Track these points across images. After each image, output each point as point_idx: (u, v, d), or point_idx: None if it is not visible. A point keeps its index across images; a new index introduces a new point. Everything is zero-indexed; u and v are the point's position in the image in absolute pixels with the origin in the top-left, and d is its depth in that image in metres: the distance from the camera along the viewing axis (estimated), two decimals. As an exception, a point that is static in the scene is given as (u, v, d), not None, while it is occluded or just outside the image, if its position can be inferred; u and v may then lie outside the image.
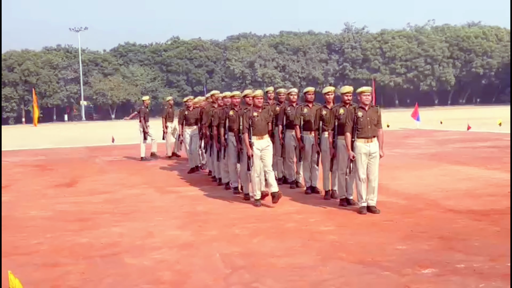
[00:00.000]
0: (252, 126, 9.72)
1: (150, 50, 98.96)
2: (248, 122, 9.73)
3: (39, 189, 12.93)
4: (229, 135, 10.74)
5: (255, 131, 9.74)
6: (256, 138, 9.74)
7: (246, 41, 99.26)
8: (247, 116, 9.75)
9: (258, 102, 9.89)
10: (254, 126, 9.72)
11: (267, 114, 9.99)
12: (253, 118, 9.74)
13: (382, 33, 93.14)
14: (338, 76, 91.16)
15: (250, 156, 9.65)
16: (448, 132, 26.82)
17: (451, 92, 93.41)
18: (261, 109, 9.88)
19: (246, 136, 9.71)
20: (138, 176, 14.57)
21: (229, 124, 10.74)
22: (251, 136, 9.72)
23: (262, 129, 9.80)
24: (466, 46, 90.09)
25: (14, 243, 7.77)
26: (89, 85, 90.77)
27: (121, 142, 28.28)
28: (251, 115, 9.76)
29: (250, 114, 9.77)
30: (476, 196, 10.01)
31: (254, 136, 9.72)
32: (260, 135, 9.78)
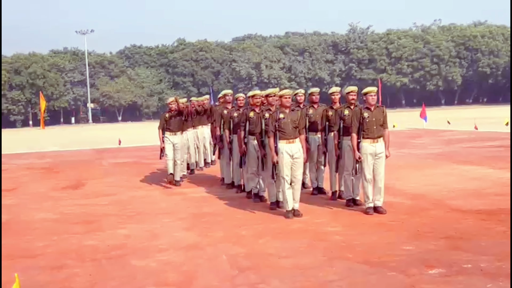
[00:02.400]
0: (278, 129, 8.83)
1: (156, 52, 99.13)
2: (275, 124, 8.85)
3: (46, 191, 12.94)
4: (249, 139, 10.13)
5: (284, 134, 8.82)
6: (285, 142, 8.82)
7: (251, 42, 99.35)
8: (273, 118, 8.89)
9: (286, 102, 8.97)
10: (282, 129, 8.82)
11: (296, 116, 8.99)
12: (280, 120, 8.85)
13: (388, 33, 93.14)
14: (344, 76, 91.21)
15: (275, 163, 8.86)
16: (455, 132, 26.73)
17: (457, 92, 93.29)
18: (288, 110, 9.01)
19: (271, 140, 8.85)
20: (144, 178, 14.55)
21: (249, 127, 10.10)
22: (277, 140, 8.85)
23: (291, 132, 8.84)
24: (472, 45, 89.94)
25: (20, 246, 7.78)
26: (95, 88, 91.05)
27: (127, 144, 28.34)
28: (278, 117, 8.87)
29: (276, 116, 8.90)
30: (483, 195, 9.97)
31: (282, 140, 8.82)
32: (289, 139, 8.85)
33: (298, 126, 8.94)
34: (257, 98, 10.07)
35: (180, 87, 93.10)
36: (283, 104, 8.99)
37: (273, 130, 8.83)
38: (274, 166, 8.90)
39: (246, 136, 10.22)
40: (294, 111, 9.03)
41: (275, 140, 8.82)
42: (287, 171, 8.82)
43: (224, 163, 12.19)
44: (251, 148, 10.08)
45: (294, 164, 8.86)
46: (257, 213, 9.33)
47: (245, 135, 10.23)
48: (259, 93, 10.32)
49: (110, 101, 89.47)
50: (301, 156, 8.90)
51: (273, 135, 8.84)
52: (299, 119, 8.96)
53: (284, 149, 8.79)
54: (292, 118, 8.88)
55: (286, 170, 8.81)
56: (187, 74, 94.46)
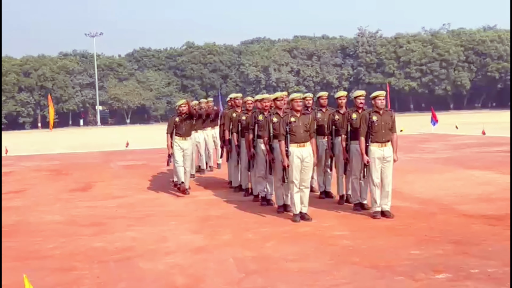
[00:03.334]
0: (290, 133, 8.78)
1: (165, 55, 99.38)
2: (285, 128, 8.81)
3: (54, 193, 13.00)
4: (258, 142, 10.15)
5: (295, 138, 8.78)
6: (296, 146, 8.79)
7: (260, 46, 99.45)
8: (284, 122, 8.84)
9: (297, 106, 8.92)
10: (293, 133, 8.78)
11: (307, 120, 8.96)
12: (291, 124, 8.80)
13: (397, 37, 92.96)
14: (353, 80, 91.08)
15: (286, 166, 8.83)
16: (463, 137, 26.66)
17: (466, 96, 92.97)
18: (300, 113, 8.97)
19: (282, 144, 8.79)
20: (152, 181, 14.59)
21: (258, 130, 10.10)
22: (288, 144, 8.79)
23: (302, 136, 8.82)
24: (481, 50, 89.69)
25: (28, 248, 7.83)
26: (104, 90, 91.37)
27: (135, 147, 28.43)
28: (289, 120, 8.83)
29: (287, 120, 8.85)
30: (491, 200, 9.96)
31: (293, 144, 8.78)
32: (300, 143, 8.83)
33: (310, 130, 8.93)
34: (266, 102, 10.09)
35: (189, 90, 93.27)
36: (294, 107, 8.96)
37: (284, 133, 8.81)
38: (285, 169, 8.89)
39: (254, 140, 10.24)
40: (305, 115, 9.01)
41: (286, 144, 8.81)
42: (297, 175, 8.83)
43: (232, 166, 12.22)
44: (260, 151, 10.10)
45: (304, 168, 8.87)
46: (265, 216, 9.34)
47: (253, 138, 10.24)
48: (268, 96, 10.33)
49: (119, 103, 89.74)
50: (311, 160, 8.90)
51: (284, 138, 8.81)
52: (310, 123, 8.96)
53: (295, 153, 8.79)
54: (304, 122, 8.86)
55: (296, 174, 8.82)
56: (195, 77, 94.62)
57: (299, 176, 8.87)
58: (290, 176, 8.86)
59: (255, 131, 10.23)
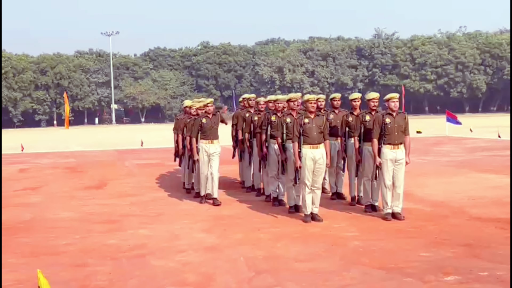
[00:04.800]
0: (303, 134, 8.83)
1: (180, 54, 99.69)
2: (299, 129, 8.85)
3: (69, 190, 13.15)
4: (270, 143, 10.19)
5: (308, 139, 8.83)
6: (309, 147, 8.84)
7: (274, 46, 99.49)
8: (297, 123, 8.90)
9: (310, 107, 8.98)
10: (306, 134, 8.83)
11: (321, 121, 9.00)
12: (305, 125, 8.85)
13: (413, 39, 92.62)
14: (367, 82, 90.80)
15: (298, 168, 8.88)
16: (477, 140, 26.57)
17: (482, 99, 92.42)
18: (313, 115, 9.00)
19: (295, 145, 8.86)
20: (165, 179, 14.71)
21: (271, 130, 10.17)
22: (301, 145, 8.86)
23: (315, 137, 8.85)
24: (497, 53, 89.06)
25: (43, 243, 7.95)
26: (119, 89, 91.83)
27: (150, 145, 28.59)
28: (302, 121, 8.88)
29: (301, 121, 8.90)
30: (503, 204, 9.94)
31: (306, 145, 8.83)
32: (314, 144, 8.86)
33: (323, 131, 8.97)
34: (280, 103, 10.16)
35: (203, 90, 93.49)
36: (308, 109, 9.02)
37: (297, 134, 8.86)
38: (297, 170, 8.95)
39: (267, 140, 10.29)
40: (319, 116, 9.05)
41: (299, 145, 8.86)
42: (310, 176, 8.88)
43: (244, 166, 12.29)
44: (272, 151, 10.17)
45: (317, 170, 8.92)
46: (277, 217, 9.41)
47: (266, 138, 10.31)
48: (281, 97, 10.40)
49: (134, 102, 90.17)
50: (324, 161, 8.94)
51: (297, 140, 8.86)
52: (324, 124, 9.00)
53: (307, 154, 8.84)
54: (317, 123, 8.91)
55: (309, 175, 8.87)
56: (210, 77, 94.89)
57: (311, 177, 8.92)
58: (302, 177, 8.91)
59: (268, 132, 10.29)
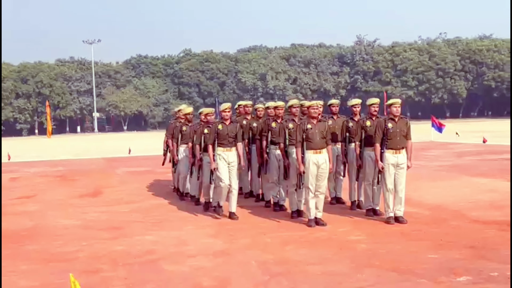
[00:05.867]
0: (306, 140, 8.92)
1: (162, 62, 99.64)
2: (302, 135, 8.94)
3: (65, 198, 13.13)
4: (271, 149, 10.26)
5: (311, 144, 8.92)
6: (313, 152, 8.94)
7: (257, 54, 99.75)
8: (300, 129, 8.98)
9: (313, 113, 9.07)
10: (309, 140, 8.92)
11: (324, 126, 9.11)
12: (308, 130, 8.94)
13: (394, 46, 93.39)
14: (350, 88, 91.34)
15: (302, 173, 8.96)
16: (463, 145, 26.87)
17: (462, 105, 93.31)
18: (316, 120, 9.09)
19: (299, 150, 8.94)
20: (159, 186, 14.72)
21: (272, 136, 10.25)
22: (305, 150, 8.94)
23: (318, 143, 8.94)
24: (477, 59, 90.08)
25: (51, 250, 7.98)
26: (101, 97, 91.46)
27: (137, 153, 28.56)
28: (305, 127, 8.97)
29: (304, 126, 8.99)
30: (500, 207, 10.12)
31: (309, 150, 8.93)
32: (317, 149, 8.96)
33: (326, 137, 9.07)
34: (280, 109, 10.26)
35: (186, 97, 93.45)
36: (311, 114, 9.12)
37: (300, 140, 8.96)
38: (301, 175, 9.03)
39: (268, 146, 10.36)
40: (321, 122, 9.16)
41: (302, 150, 8.95)
42: (313, 181, 8.97)
43: (242, 172, 12.34)
44: (273, 157, 10.25)
45: (320, 175, 9.01)
46: (279, 221, 9.50)
47: (267, 144, 10.38)
48: (281, 104, 10.52)
49: (116, 110, 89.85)
50: (327, 166, 9.04)
51: (301, 145, 8.96)
52: (326, 129, 9.10)
53: (311, 159, 8.94)
54: (320, 129, 9.02)
55: (312, 180, 8.96)
56: (192, 85, 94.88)
57: (315, 182, 9.02)
58: (306, 182, 9.01)
59: (268, 138, 10.37)
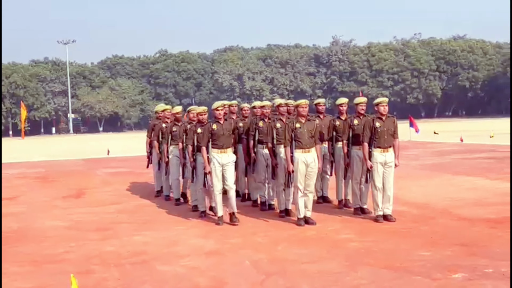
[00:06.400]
0: (295, 139, 8.88)
1: (138, 62, 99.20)
2: (291, 134, 8.90)
3: (48, 200, 12.99)
4: (258, 148, 10.26)
5: (300, 144, 8.88)
6: (301, 151, 8.91)
7: (233, 54, 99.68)
8: (289, 128, 8.95)
9: (302, 111, 9.01)
10: (298, 139, 8.88)
11: (312, 125, 9.07)
12: (296, 130, 8.90)
13: (369, 46, 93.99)
14: (326, 89, 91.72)
15: (291, 172, 8.92)
16: (442, 144, 27.12)
17: (437, 105, 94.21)
18: (304, 119, 9.05)
19: (288, 149, 8.92)
20: (142, 187, 14.59)
21: (259, 136, 10.22)
22: (294, 149, 8.89)
23: (307, 142, 8.92)
24: (452, 59, 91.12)
25: (40, 252, 7.89)
26: (77, 98, 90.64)
27: (116, 154, 28.38)
28: (294, 126, 8.94)
29: (293, 126, 8.96)
30: (486, 205, 10.23)
31: (298, 149, 8.88)
32: (306, 148, 8.93)
33: (314, 136, 9.07)
34: (267, 108, 10.25)
35: (162, 98, 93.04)
36: (299, 113, 9.11)
37: (289, 139, 8.94)
38: (289, 174, 9.03)
39: (255, 145, 10.34)
40: (310, 121, 9.15)
41: (291, 149, 8.95)
42: (302, 180, 8.97)
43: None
44: (260, 157, 10.24)
45: (309, 174, 9.01)
46: (268, 221, 9.48)
47: (254, 144, 10.36)
48: (268, 103, 10.53)
49: (91, 111, 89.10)
50: (316, 165, 9.04)
51: (290, 144, 8.94)
52: (315, 129, 9.10)
53: (300, 158, 8.93)
54: (308, 128, 9.01)
55: (301, 179, 8.96)
56: (169, 85, 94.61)
57: (304, 181, 9.02)
58: (295, 181, 9.00)
59: (256, 137, 10.36)
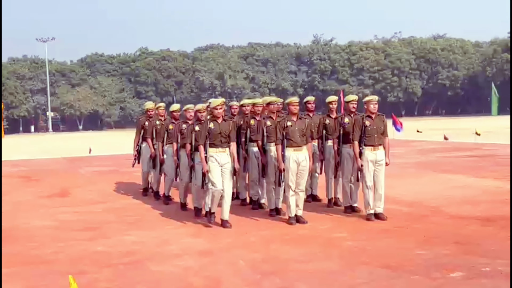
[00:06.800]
0: (287, 137, 8.80)
1: (118, 60, 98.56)
2: (282, 132, 8.82)
3: (33, 199, 12.79)
4: (250, 146, 10.17)
5: (291, 142, 8.80)
6: (293, 150, 8.81)
7: (214, 52, 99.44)
8: (280, 126, 8.85)
9: (293, 109, 8.97)
10: (289, 137, 8.79)
11: (304, 124, 8.97)
12: (288, 128, 8.82)
13: (350, 45, 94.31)
14: (307, 87, 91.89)
15: (282, 170, 8.83)
16: (425, 142, 27.22)
17: (417, 104, 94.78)
18: (296, 117, 8.98)
19: (279, 148, 8.83)
20: (128, 186, 14.41)
21: (250, 134, 10.12)
22: (285, 148, 8.81)
23: (298, 140, 8.83)
24: (432, 58, 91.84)
25: (29, 252, 7.72)
26: (56, 96, 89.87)
27: (98, 153, 28.12)
28: (285, 124, 8.84)
29: (284, 124, 8.86)
30: (475, 203, 10.22)
31: (289, 147, 8.80)
32: (297, 146, 8.84)
33: (306, 134, 8.99)
34: (258, 106, 10.15)
35: (143, 96, 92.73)
36: (291, 111, 9.04)
37: (281, 137, 8.86)
38: (280, 173, 8.95)
39: (246, 143, 10.25)
40: (301, 119, 9.07)
41: (282, 148, 8.86)
42: (293, 178, 8.89)
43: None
44: (252, 155, 10.14)
45: (300, 172, 8.93)
46: (258, 220, 9.39)
47: (245, 142, 10.26)
48: (259, 101, 10.44)
49: (71, 110, 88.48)
50: (307, 164, 8.97)
51: (281, 142, 8.86)
52: (306, 127, 9.02)
53: (291, 157, 8.85)
54: (300, 126, 8.92)
55: (292, 178, 8.88)
56: (149, 84, 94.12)
57: (295, 180, 8.94)
58: (286, 180, 8.92)
59: (247, 135, 10.26)
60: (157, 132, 11.46)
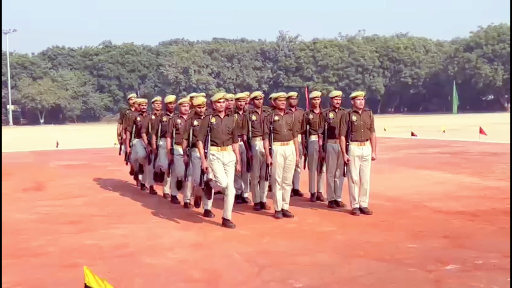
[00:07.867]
0: (273, 131, 8.83)
1: (80, 54, 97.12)
2: (269, 126, 8.85)
3: (9, 193, 12.52)
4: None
5: (278, 136, 8.84)
6: (280, 144, 8.87)
7: (178, 47, 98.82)
8: (267, 120, 8.90)
9: (280, 104, 9.01)
10: (276, 131, 8.83)
11: (291, 118, 9.02)
12: (275, 122, 8.85)
13: (315, 42, 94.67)
14: (272, 83, 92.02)
15: (269, 164, 8.88)
16: (392, 139, 27.48)
17: (380, 101, 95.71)
18: (283, 112, 9.03)
19: (266, 142, 8.86)
20: (104, 180, 14.31)
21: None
22: (272, 142, 8.84)
23: (285, 134, 8.87)
24: (395, 56, 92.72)
25: (16, 246, 7.58)
26: (17, 89, 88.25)
27: (65, 147, 27.79)
28: (272, 119, 8.89)
29: (271, 118, 8.92)
30: (456, 198, 10.39)
31: (277, 142, 8.84)
32: (284, 141, 8.89)
33: (292, 129, 9.03)
34: (242, 100, 10.12)
35: (106, 90, 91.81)
36: (278, 106, 9.07)
37: (267, 132, 8.89)
38: (268, 167, 8.97)
39: None
40: (288, 114, 9.10)
41: (269, 142, 8.88)
42: (280, 172, 8.93)
43: None
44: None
45: (287, 166, 8.97)
46: (243, 214, 9.37)
47: None
48: (243, 95, 10.42)
49: (32, 103, 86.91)
50: (294, 158, 9.02)
51: (268, 136, 8.89)
52: (293, 121, 9.07)
53: (278, 151, 8.88)
54: (287, 121, 8.96)
55: (279, 172, 8.92)
56: (112, 77, 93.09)
57: (282, 174, 8.97)
58: (273, 174, 8.96)
59: None
60: (152, 126, 11.25)
